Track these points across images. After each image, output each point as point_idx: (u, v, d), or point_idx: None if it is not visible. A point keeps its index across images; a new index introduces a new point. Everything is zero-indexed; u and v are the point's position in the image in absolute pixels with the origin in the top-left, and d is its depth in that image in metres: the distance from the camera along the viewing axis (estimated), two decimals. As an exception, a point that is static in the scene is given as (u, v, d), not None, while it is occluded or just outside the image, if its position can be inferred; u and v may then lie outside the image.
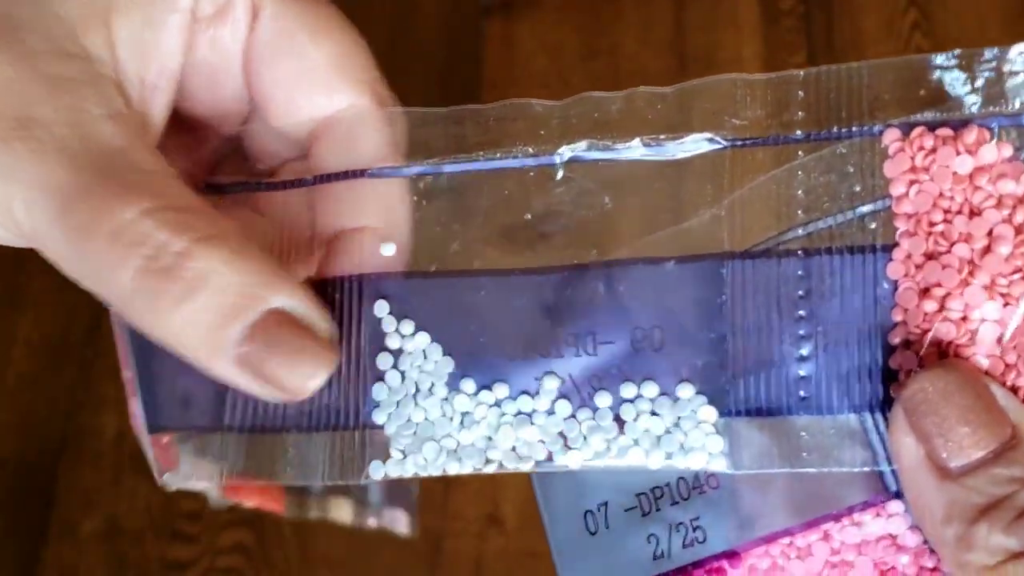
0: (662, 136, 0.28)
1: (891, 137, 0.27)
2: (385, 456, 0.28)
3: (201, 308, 0.26)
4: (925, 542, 0.27)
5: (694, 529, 0.28)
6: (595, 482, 0.28)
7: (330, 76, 0.30)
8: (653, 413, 0.27)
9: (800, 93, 0.27)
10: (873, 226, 0.27)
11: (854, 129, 0.27)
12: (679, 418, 0.27)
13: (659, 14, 0.85)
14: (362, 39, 0.31)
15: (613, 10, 0.86)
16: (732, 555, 0.27)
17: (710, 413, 0.27)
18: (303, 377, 0.27)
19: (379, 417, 0.29)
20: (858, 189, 0.27)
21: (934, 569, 0.27)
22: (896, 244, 0.26)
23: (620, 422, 0.27)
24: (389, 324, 0.29)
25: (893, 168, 0.27)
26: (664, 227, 0.28)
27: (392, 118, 0.30)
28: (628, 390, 0.27)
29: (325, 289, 0.29)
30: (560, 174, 0.28)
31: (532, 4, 0.88)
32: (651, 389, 0.27)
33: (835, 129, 0.27)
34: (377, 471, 0.28)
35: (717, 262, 0.27)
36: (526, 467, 0.28)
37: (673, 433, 0.27)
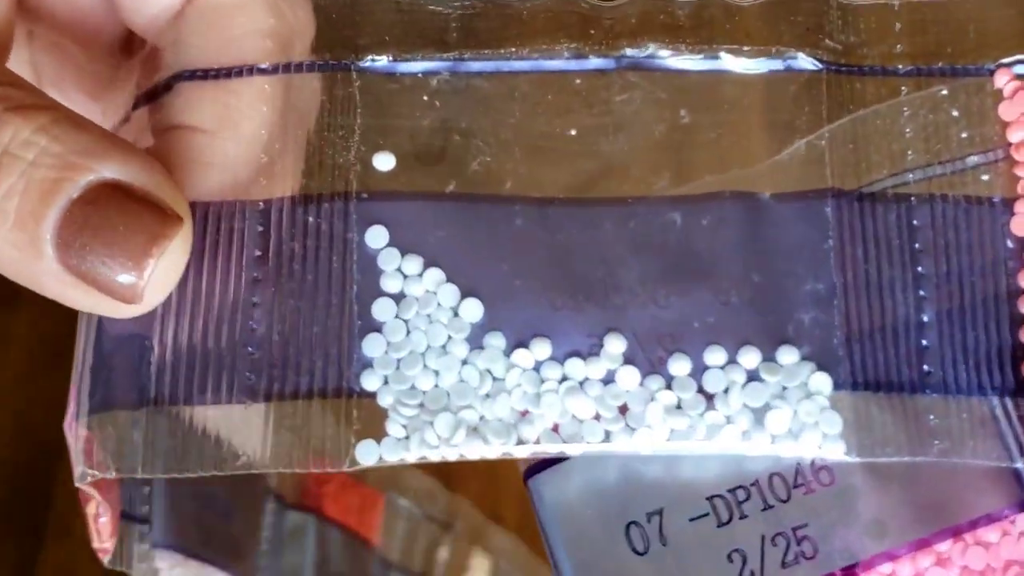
0: (746, 48, 0.22)
1: (1007, 76, 0.23)
2: (380, 434, 0.20)
3: (8, 192, 0.19)
4: (1061, 567, 0.22)
5: (799, 541, 0.21)
6: (641, 483, 0.21)
7: None
8: (750, 381, 0.21)
9: (898, 25, 0.23)
10: (986, 178, 0.22)
11: (960, 67, 0.23)
12: (784, 389, 0.21)
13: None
14: None
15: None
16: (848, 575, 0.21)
17: (823, 383, 0.21)
18: (136, 267, 0.20)
19: (370, 382, 0.21)
20: (969, 134, 0.22)
21: (1072, 604, 0.22)
22: (1019, 196, 0.22)
23: (706, 395, 0.21)
24: (388, 259, 0.21)
25: (1011, 110, 0.23)
26: (752, 153, 0.22)
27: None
28: (714, 354, 0.21)
29: (296, 210, 0.21)
30: (622, 80, 0.22)
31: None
32: (747, 354, 0.21)
33: (940, 65, 0.23)
34: (368, 455, 0.20)
35: (822, 199, 0.22)
36: (574, 450, 0.21)
37: (778, 408, 0.21)
